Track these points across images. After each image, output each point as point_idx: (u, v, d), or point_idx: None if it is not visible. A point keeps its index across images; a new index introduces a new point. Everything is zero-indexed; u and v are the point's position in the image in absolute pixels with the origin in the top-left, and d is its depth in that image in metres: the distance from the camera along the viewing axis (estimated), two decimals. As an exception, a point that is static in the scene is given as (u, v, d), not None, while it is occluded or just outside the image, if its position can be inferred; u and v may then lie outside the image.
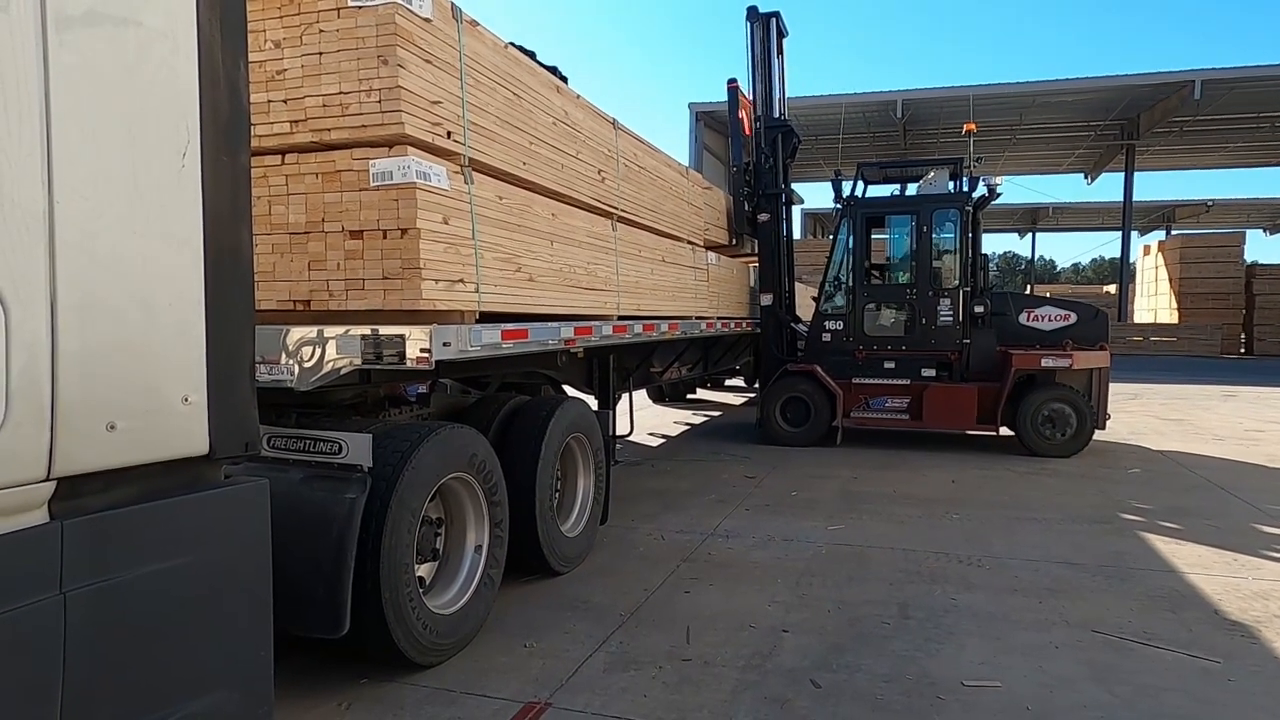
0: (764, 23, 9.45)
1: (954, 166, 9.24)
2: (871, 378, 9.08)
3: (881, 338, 9.13)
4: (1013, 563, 4.95)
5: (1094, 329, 8.86)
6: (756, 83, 9.55)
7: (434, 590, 3.63)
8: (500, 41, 3.99)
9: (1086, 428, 8.40)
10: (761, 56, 9.49)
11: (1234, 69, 20.66)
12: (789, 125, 9.76)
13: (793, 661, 3.57)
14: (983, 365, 8.74)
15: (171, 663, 1.97)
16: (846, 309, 9.22)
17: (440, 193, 3.34)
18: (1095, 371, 8.63)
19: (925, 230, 8.85)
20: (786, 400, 9.19)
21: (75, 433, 1.74)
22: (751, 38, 9.50)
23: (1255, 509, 6.30)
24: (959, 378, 8.81)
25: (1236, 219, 40.97)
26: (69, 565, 1.72)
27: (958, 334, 8.79)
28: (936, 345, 8.88)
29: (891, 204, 9.51)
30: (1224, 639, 3.82)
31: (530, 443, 4.36)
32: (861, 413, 9.14)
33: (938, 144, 26.18)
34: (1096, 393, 8.63)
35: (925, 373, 8.91)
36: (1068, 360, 8.38)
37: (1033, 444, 8.46)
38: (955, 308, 8.78)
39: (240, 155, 2.19)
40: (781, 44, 9.71)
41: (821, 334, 9.32)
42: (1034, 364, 8.44)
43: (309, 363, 3.11)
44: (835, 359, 9.15)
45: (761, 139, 9.56)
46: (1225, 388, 16.20)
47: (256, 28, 3.26)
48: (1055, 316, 8.93)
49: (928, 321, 8.87)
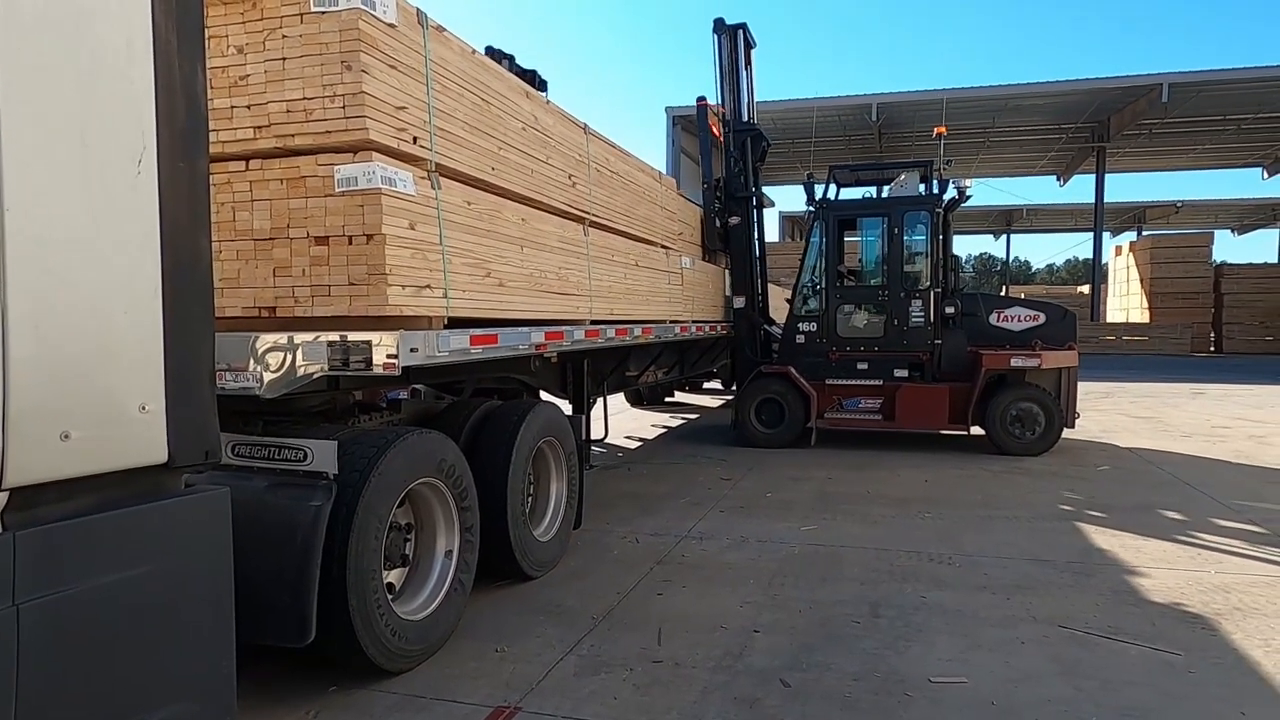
0: (731, 34, 9.65)
1: (925, 169, 9.35)
2: (845, 379, 9.16)
3: (854, 339, 9.20)
4: (983, 560, 5.01)
5: (1063, 329, 8.98)
6: (725, 91, 9.72)
7: (403, 596, 3.62)
8: (467, 47, 3.99)
9: (1055, 426, 8.53)
10: (729, 67, 9.67)
11: (1201, 72, 21.03)
12: (757, 129, 9.90)
13: (763, 662, 3.59)
14: (954, 366, 8.84)
15: (130, 674, 1.95)
16: (820, 310, 9.30)
17: (406, 198, 3.33)
18: (1064, 371, 8.75)
19: (897, 232, 8.93)
20: (761, 402, 9.25)
21: (28, 442, 1.72)
22: (719, 49, 9.67)
23: (1219, 504, 6.42)
24: (931, 378, 8.91)
25: (1205, 219, 41.68)
26: (22, 577, 1.70)
27: (929, 335, 8.89)
28: (908, 346, 8.97)
29: (863, 206, 9.62)
30: (1186, 632, 3.89)
31: (501, 447, 4.36)
32: (835, 413, 9.21)
33: (913, 146, 26.41)
34: (1065, 392, 8.75)
35: (898, 373, 9.01)
36: (1036, 360, 8.50)
37: (1002, 443, 8.57)
38: (927, 309, 8.87)
39: (198, 161, 2.18)
40: (750, 54, 9.86)
41: (795, 336, 9.39)
42: (1004, 364, 8.55)
43: (276, 369, 3.09)
44: (809, 360, 9.22)
45: (730, 143, 9.69)
46: (1194, 385, 16.48)
47: (219, 33, 3.24)
48: (1025, 317, 9.06)
49: (900, 323, 8.96)
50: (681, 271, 7.71)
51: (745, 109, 9.76)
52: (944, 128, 9.86)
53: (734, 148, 9.67)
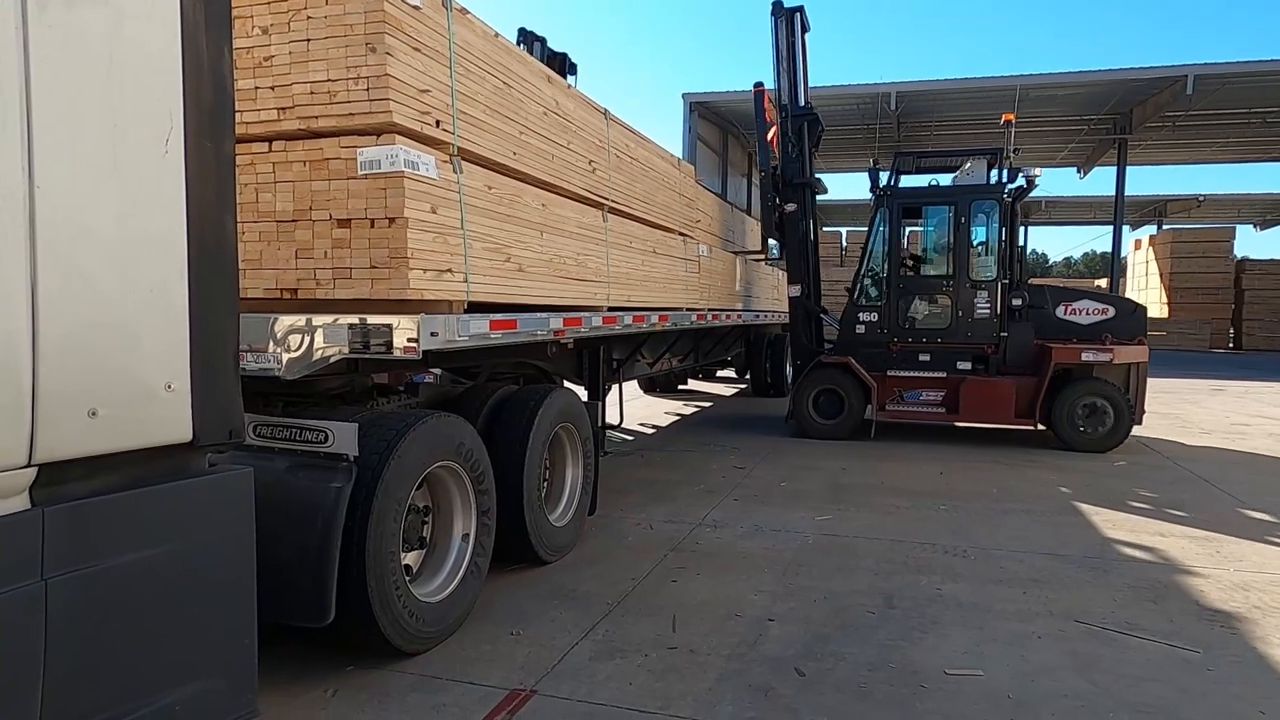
0: (789, 17, 9.48)
1: (993, 157, 9.08)
2: (906, 370, 8.98)
3: (917, 330, 9.02)
4: (998, 553, 4.98)
5: (1132, 323, 8.73)
6: (781, 75, 9.52)
7: (421, 578, 3.64)
8: (490, 30, 3.97)
9: (1124, 423, 8.31)
10: (787, 50, 9.47)
11: (1227, 64, 20.66)
12: (814, 114, 9.64)
13: (778, 650, 3.59)
14: (1019, 359, 8.66)
15: (154, 650, 1.97)
16: (881, 300, 9.13)
17: (428, 182, 3.33)
18: (1134, 366, 8.55)
19: (963, 221, 8.73)
20: (819, 393, 9.08)
21: (56, 419, 1.73)
22: (777, 32, 9.49)
23: (1238, 502, 6.36)
24: (995, 371, 8.73)
25: (1227, 214, 41.05)
26: (50, 552, 1.72)
27: (995, 327, 8.71)
28: (973, 338, 8.79)
29: (929, 194, 9.36)
30: (1205, 630, 3.86)
31: (518, 432, 4.37)
32: (896, 406, 9.04)
33: (931, 136, 26.14)
34: (1134, 388, 8.54)
35: (961, 366, 8.82)
36: (1109, 355, 8.30)
37: (1069, 438, 8.37)
38: (993, 300, 8.70)
39: (224, 142, 2.18)
40: (805, 38, 9.69)
41: (855, 326, 9.20)
42: (1074, 358, 8.34)
43: (296, 351, 3.10)
44: (869, 351, 9.03)
45: (788, 128, 9.47)
46: (1213, 382, 16.31)
47: (244, 14, 3.24)
48: (1093, 310, 8.81)
49: (965, 314, 8.78)
50: (699, 259, 7.68)
51: (801, 93, 9.55)
52: (1012, 115, 9.34)
53: (791, 133, 9.45)
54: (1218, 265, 29.22)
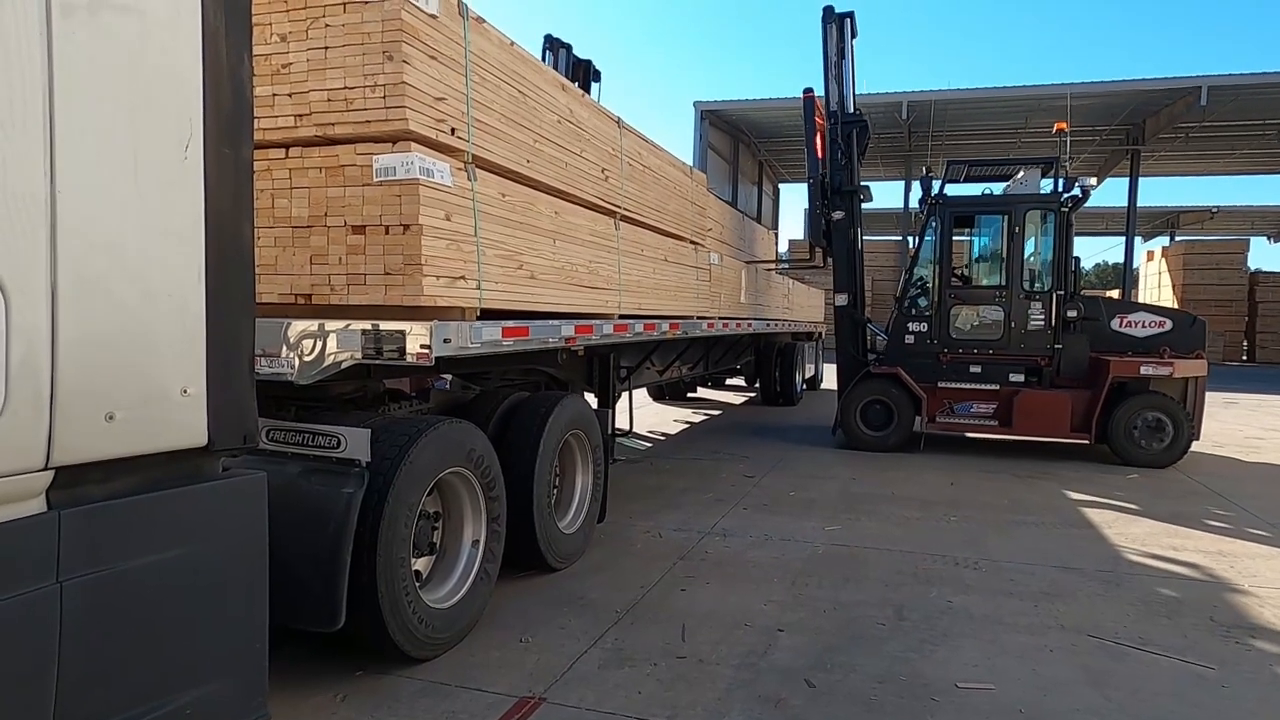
0: (839, 23, 9.40)
1: (1048, 166, 8.97)
2: (957, 382, 8.87)
3: (968, 341, 8.90)
4: (1009, 566, 4.95)
5: (1191, 337, 8.55)
6: (830, 81, 9.43)
7: (430, 584, 3.64)
8: (506, 39, 3.99)
9: (1183, 437, 8.16)
10: (837, 55, 9.39)
11: (1241, 75, 20.57)
12: (864, 121, 9.51)
13: (787, 661, 3.57)
14: (1074, 371, 8.55)
15: (167, 653, 1.98)
16: (931, 310, 9.03)
17: (443, 189, 3.34)
18: (1192, 380, 8.43)
19: (1018, 231, 8.62)
20: (867, 404, 8.96)
21: (74, 422, 1.75)
22: (827, 38, 9.41)
23: (1253, 516, 6.31)
24: (1049, 384, 8.63)
25: (1241, 226, 40.83)
26: (66, 554, 1.73)
27: (1049, 339, 8.60)
28: (1026, 350, 8.67)
29: (982, 203, 9.21)
30: (1219, 645, 3.82)
31: (529, 439, 4.37)
32: (946, 418, 8.92)
33: (944, 146, 26.11)
34: (1193, 402, 8.42)
35: (1014, 378, 8.71)
36: (1169, 369, 8.16)
37: (1126, 453, 8.23)
38: (1047, 311, 8.60)
39: (243, 148, 2.20)
40: (854, 44, 9.66)
41: (904, 336, 9.08)
42: (1132, 371, 8.21)
43: (309, 356, 3.11)
44: (918, 362, 8.91)
45: (838, 135, 9.35)
46: (1227, 395, 16.17)
47: (262, 21, 3.27)
48: (1150, 323, 8.65)
49: (1018, 325, 8.68)
50: (709, 267, 7.68)
51: (850, 99, 9.43)
52: (1065, 123, 9.16)
53: (840, 139, 9.32)
54: (1231, 278, 29.03)
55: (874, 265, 20.75)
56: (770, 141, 27.03)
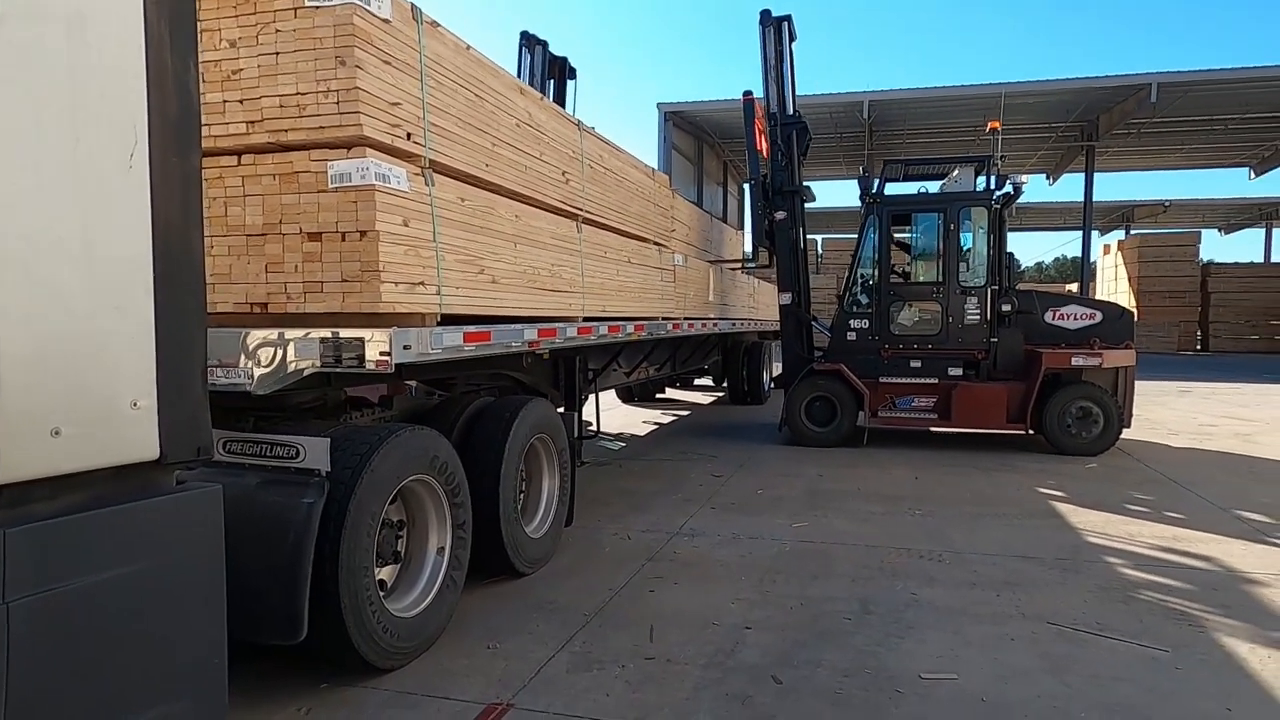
0: (776, 26, 9.58)
1: (980, 164, 9.19)
2: (898, 377, 9.04)
3: (908, 336, 9.09)
4: (973, 557, 5.03)
5: (1119, 328, 8.86)
6: (770, 84, 9.61)
7: (395, 593, 3.61)
8: (462, 43, 3.97)
9: (1113, 426, 8.44)
10: (775, 58, 9.56)
11: (1189, 73, 21.10)
12: (803, 122, 9.73)
13: (755, 658, 3.60)
14: (1010, 364, 8.76)
15: (122, 673, 1.94)
16: (872, 307, 9.19)
17: (400, 195, 3.32)
18: (1122, 370, 8.68)
19: (953, 228, 8.83)
20: (812, 400, 9.10)
21: (18, 438, 1.71)
22: (765, 41, 9.58)
23: (1206, 502, 6.48)
24: (986, 376, 8.82)
25: (1193, 219, 41.88)
26: (11, 574, 1.69)
27: (985, 333, 8.80)
28: (964, 344, 8.88)
29: (918, 201, 9.40)
30: (1173, 629, 3.92)
31: (494, 444, 4.36)
32: (888, 412, 9.08)
33: (904, 145, 26.47)
34: (1123, 392, 8.67)
35: (952, 371, 8.90)
36: (1098, 359, 8.40)
37: (1060, 442, 8.46)
38: (982, 306, 8.80)
39: (191, 156, 2.16)
40: (792, 47, 9.77)
41: (846, 333, 9.26)
42: (1064, 363, 8.43)
43: (267, 366, 3.07)
44: (860, 358, 9.09)
45: (777, 137, 9.55)
46: (1181, 384, 16.59)
47: (211, 27, 3.22)
48: (1081, 315, 8.93)
49: (955, 320, 8.88)
50: (674, 268, 7.70)
51: (790, 101, 9.63)
52: (998, 122, 9.42)
53: (780, 141, 9.53)
54: (1184, 269, 29.85)
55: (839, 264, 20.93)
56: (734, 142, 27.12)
